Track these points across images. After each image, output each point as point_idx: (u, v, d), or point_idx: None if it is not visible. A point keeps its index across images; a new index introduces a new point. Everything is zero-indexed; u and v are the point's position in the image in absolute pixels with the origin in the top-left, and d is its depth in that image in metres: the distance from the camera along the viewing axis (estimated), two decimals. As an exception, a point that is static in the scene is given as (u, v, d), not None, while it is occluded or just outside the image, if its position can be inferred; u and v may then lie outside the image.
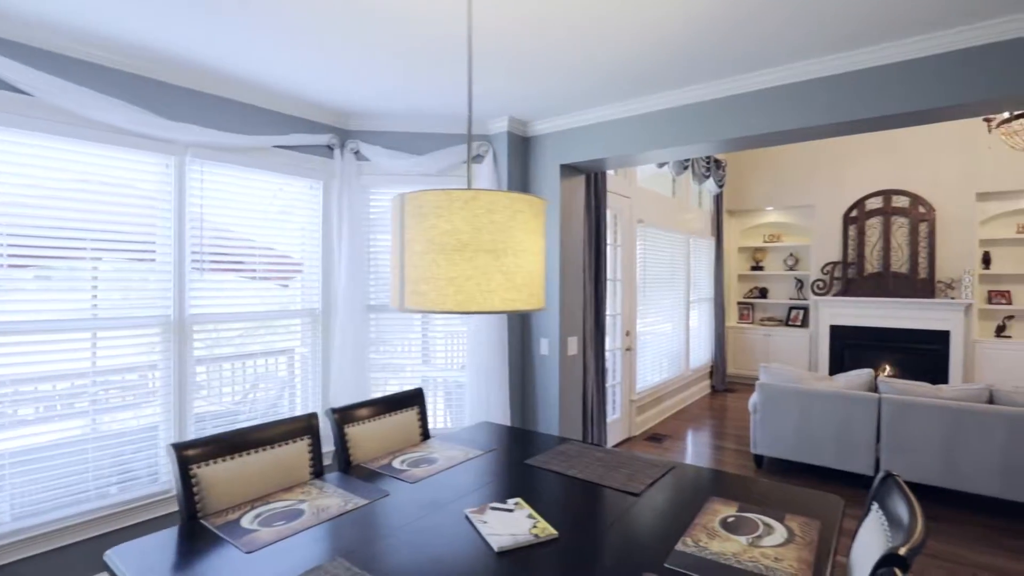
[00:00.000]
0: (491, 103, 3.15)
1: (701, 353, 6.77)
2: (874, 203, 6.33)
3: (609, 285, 4.62)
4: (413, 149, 3.48)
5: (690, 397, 6.36)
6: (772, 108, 2.64)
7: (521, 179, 3.61)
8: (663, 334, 5.78)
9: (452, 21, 2.08)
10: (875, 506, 1.32)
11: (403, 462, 1.92)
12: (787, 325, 7.15)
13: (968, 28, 2.13)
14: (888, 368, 6.24)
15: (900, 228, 6.18)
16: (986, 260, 6.05)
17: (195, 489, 1.54)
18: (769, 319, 7.40)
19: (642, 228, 5.21)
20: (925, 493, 3.69)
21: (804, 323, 7.00)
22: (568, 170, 3.53)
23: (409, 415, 2.26)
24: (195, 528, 1.44)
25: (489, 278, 1.18)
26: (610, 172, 4.74)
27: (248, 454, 1.69)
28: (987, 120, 4.31)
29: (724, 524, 1.41)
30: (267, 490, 1.70)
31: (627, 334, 4.89)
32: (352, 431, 2.02)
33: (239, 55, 2.44)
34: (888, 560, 0.91)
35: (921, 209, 6.06)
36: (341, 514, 1.51)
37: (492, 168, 3.49)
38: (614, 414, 4.82)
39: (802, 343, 6.88)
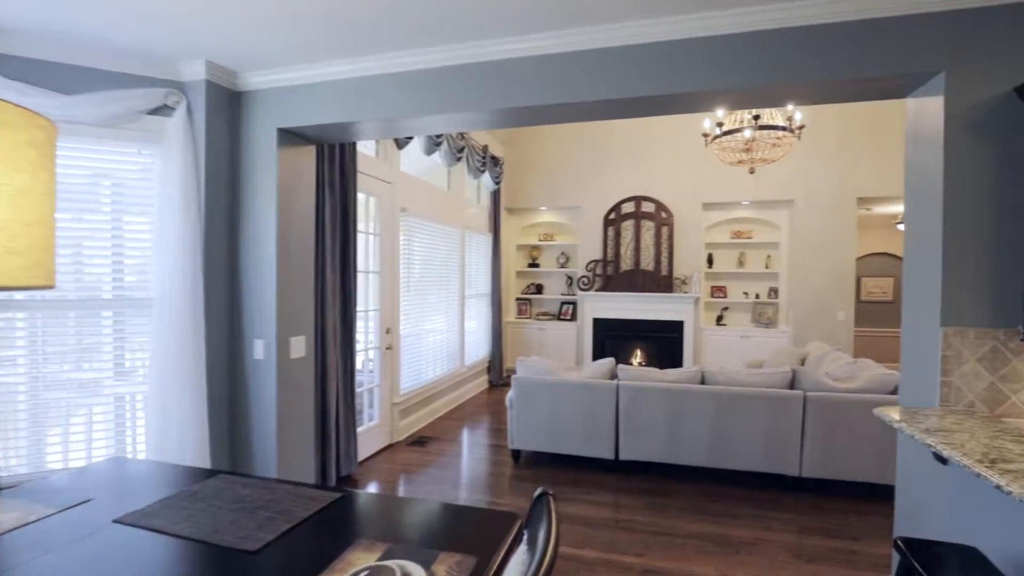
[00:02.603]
0: (173, 34, 2.40)
1: (478, 349, 6.70)
2: (628, 207, 6.96)
3: (362, 277, 4.12)
4: (60, 87, 2.53)
5: (466, 394, 6.21)
6: (525, 80, 2.42)
7: (230, 141, 2.90)
8: (434, 330, 5.49)
9: None
10: (525, 533, 1.06)
11: None
12: (559, 319, 7.51)
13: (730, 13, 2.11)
14: (639, 355, 6.91)
15: (648, 231, 6.89)
16: (710, 260, 7.09)
17: None
18: (544, 314, 7.71)
19: (407, 218, 4.83)
20: (655, 470, 3.96)
21: (573, 317, 7.43)
22: (291, 136, 2.93)
23: (-57, 465, 1.46)
24: None
25: None
26: (369, 154, 4.25)
27: None
28: (705, 135, 4.89)
29: (345, 586, 1.02)
30: None
31: (387, 331, 4.46)
32: None
33: None
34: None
35: (663, 215, 6.83)
36: None
37: (186, 124, 2.72)
38: (372, 420, 4.34)
39: (571, 336, 7.27)
